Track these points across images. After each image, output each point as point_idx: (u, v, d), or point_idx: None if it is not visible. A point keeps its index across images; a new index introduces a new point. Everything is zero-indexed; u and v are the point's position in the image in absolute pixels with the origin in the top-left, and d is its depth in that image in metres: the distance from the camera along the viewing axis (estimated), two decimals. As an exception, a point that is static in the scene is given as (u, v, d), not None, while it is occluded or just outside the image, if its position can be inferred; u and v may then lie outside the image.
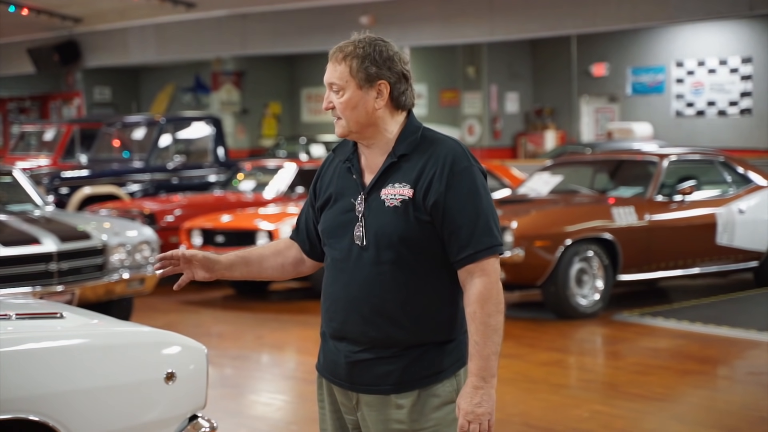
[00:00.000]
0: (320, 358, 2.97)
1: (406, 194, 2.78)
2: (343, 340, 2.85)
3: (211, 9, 19.27)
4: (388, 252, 2.78)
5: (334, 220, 2.87)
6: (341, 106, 2.83)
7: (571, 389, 6.58)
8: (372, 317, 2.79)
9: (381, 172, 2.83)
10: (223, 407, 6.14)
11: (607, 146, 15.24)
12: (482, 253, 2.76)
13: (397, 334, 2.79)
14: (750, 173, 10.12)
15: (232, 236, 9.97)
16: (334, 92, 2.84)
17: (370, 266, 2.79)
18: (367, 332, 2.80)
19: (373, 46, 2.82)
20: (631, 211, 9.04)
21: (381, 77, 2.82)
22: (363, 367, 2.82)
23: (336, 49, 2.84)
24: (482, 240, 2.77)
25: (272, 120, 24.11)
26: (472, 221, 2.77)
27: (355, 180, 2.86)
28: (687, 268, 9.42)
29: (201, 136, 14.34)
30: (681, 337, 8.10)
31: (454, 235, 2.77)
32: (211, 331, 8.79)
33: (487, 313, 2.74)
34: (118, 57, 22.20)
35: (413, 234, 2.76)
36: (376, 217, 2.79)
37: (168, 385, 3.49)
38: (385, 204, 2.79)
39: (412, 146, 2.83)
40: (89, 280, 7.86)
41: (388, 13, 17.35)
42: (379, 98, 2.83)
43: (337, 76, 2.82)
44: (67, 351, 3.39)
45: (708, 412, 6.13)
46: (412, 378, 2.80)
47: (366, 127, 2.84)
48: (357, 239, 2.81)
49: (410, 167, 2.80)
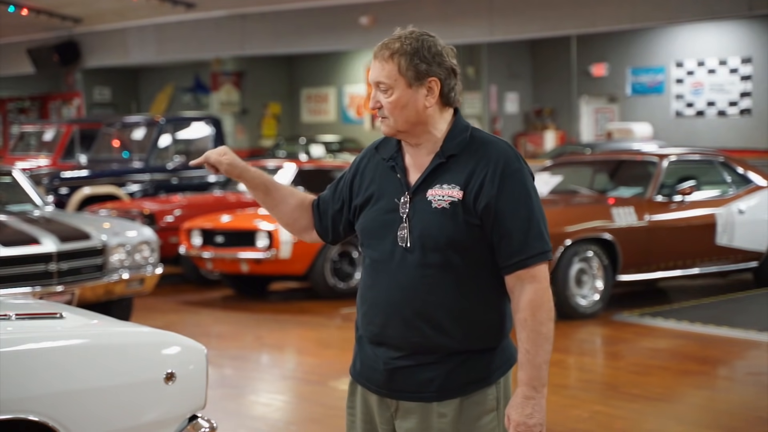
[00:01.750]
0: (356, 364, 2.85)
1: (455, 196, 2.67)
2: (382, 346, 2.74)
3: (210, 9, 19.27)
4: (433, 254, 2.66)
5: (375, 220, 2.75)
6: (390, 105, 2.70)
7: (571, 389, 6.58)
8: (415, 322, 2.67)
9: (428, 172, 2.71)
10: (223, 407, 6.14)
11: (607, 146, 15.25)
12: (533, 259, 2.66)
13: (441, 340, 2.68)
14: (750, 173, 10.11)
15: (232, 236, 9.97)
16: (382, 91, 2.71)
17: (414, 269, 2.67)
18: (409, 337, 2.69)
19: (420, 42, 2.69)
20: (630, 212, 9.04)
21: (431, 74, 2.70)
22: (403, 374, 2.71)
23: (381, 47, 2.71)
24: (534, 245, 2.66)
25: (272, 120, 24.11)
26: (524, 226, 2.67)
27: (399, 179, 2.74)
28: (687, 268, 9.42)
29: (201, 136, 14.35)
30: (681, 338, 8.10)
31: (505, 239, 2.66)
32: (210, 332, 8.78)
33: (539, 321, 2.64)
34: (118, 57, 22.21)
35: (461, 237, 2.65)
36: (421, 219, 2.68)
37: (168, 386, 3.49)
38: (431, 205, 2.68)
39: (461, 146, 2.72)
40: (89, 281, 7.85)
41: (387, 14, 17.35)
42: (429, 96, 2.71)
43: (384, 74, 2.69)
44: (66, 351, 3.39)
45: (708, 413, 6.13)
46: (455, 385, 2.69)
47: (415, 126, 2.73)
48: (401, 240, 2.69)
49: (459, 168, 2.69)
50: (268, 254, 9.64)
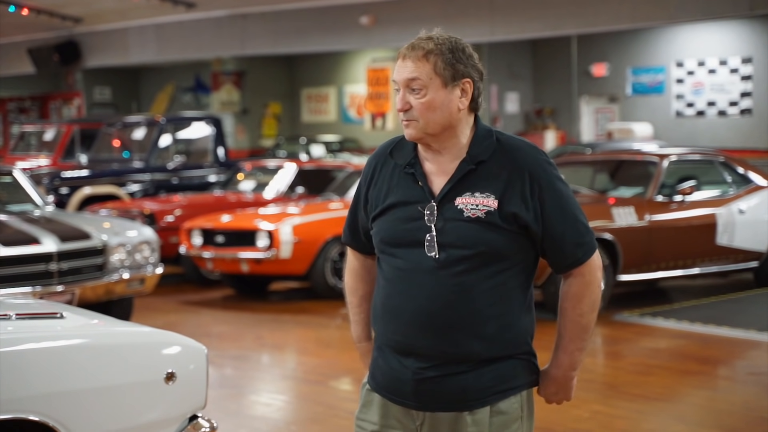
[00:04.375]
0: (375, 375, 2.75)
1: (490, 205, 2.61)
2: (410, 356, 2.66)
3: (211, 9, 19.27)
4: (464, 263, 2.60)
5: (397, 229, 2.67)
6: (422, 106, 2.61)
7: (571, 389, 6.57)
8: (446, 331, 2.61)
9: (457, 180, 2.64)
10: (223, 407, 6.14)
11: (607, 146, 15.23)
12: (587, 255, 2.69)
13: (474, 348, 2.63)
14: (750, 173, 10.11)
15: (232, 236, 9.97)
16: (413, 91, 2.62)
17: (444, 277, 2.61)
18: (440, 346, 2.62)
19: (454, 42, 2.63)
20: (631, 212, 9.04)
21: (466, 75, 2.64)
22: (433, 384, 2.65)
23: (413, 46, 2.62)
24: (585, 242, 2.69)
25: (272, 120, 24.11)
26: (573, 227, 2.68)
27: (420, 187, 2.66)
28: (687, 268, 9.41)
29: (201, 136, 14.34)
30: (681, 338, 8.09)
31: (557, 244, 2.67)
32: (211, 332, 8.78)
33: (579, 312, 2.69)
34: (118, 57, 22.21)
35: (497, 246, 2.61)
36: (453, 228, 2.61)
37: (168, 386, 3.49)
38: (464, 214, 2.61)
39: (489, 152, 2.65)
40: (89, 280, 7.85)
41: (388, 14, 17.35)
42: (463, 98, 2.64)
43: (419, 73, 2.60)
44: (67, 351, 3.39)
45: (708, 413, 6.12)
46: (486, 394, 2.65)
47: (445, 130, 2.64)
48: (429, 250, 2.61)
49: (491, 175, 2.63)
50: (269, 254, 9.64)
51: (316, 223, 9.90)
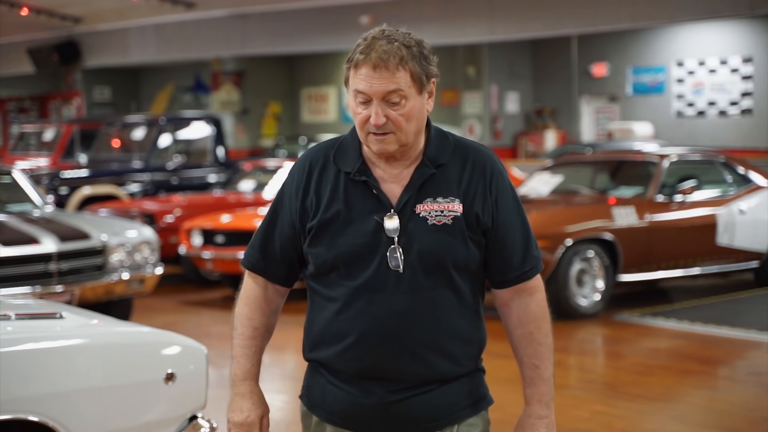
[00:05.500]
0: (326, 404, 2.55)
1: (456, 210, 2.41)
2: (374, 380, 2.44)
3: (210, 9, 19.26)
4: (434, 277, 2.41)
5: (353, 245, 2.41)
6: (403, 118, 2.37)
7: (572, 389, 6.57)
8: (419, 351, 2.41)
9: (419, 186, 2.42)
10: (223, 407, 6.09)
11: (608, 146, 15.23)
12: (534, 270, 2.52)
13: (445, 366, 2.45)
14: (750, 173, 10.11)
15: (232, 236, 9.96)
16: (391, 104, 2.37)
17: (411, 293, 2.40)
18: (410, 368, 2.42)
19: (418, 41, 2.41)
20: (631, 212, 9.03)
21: (433, 74, 2.42)
22: (402, 407, 2.44)
23: (384, 53, 2.36)
24: (533, 255, 2.52)
25: (272, 120, 24.11)
26: (523, 237, 2.50)
27: (375, 196, 2.42)
28: (687, 268, 9.41)
29: (201, 136, 14.34)
30: (681, 338, 8.09)
31: (506, 253, 2.48)
32: (211, 332, 8.77)
33: (544, 333, 2.51)
34: (118, 57, 22.20)
35: (464, 254, 2.42)
36: (418, 238, 2.39)
37: (168, 386, 3.48)
38: (428, 222, 2.40)
39: (448, 153, 2.46)
40: (89, 281, 7.85)
41: (388, 13, 17.34)
42: (430, 99, 2.43)
43: (400, 83, 2.36)
44: (66, 351, 3.39)
45: (708, 413, 6.12)
46: (455, 410, 2.49)
47: (416, 137, 2.43)
48: (392, 264, 2.39)
49: (451, 179, 2.43)
50: (269, 254, 9.62)
51: (316, 223, 9.89)
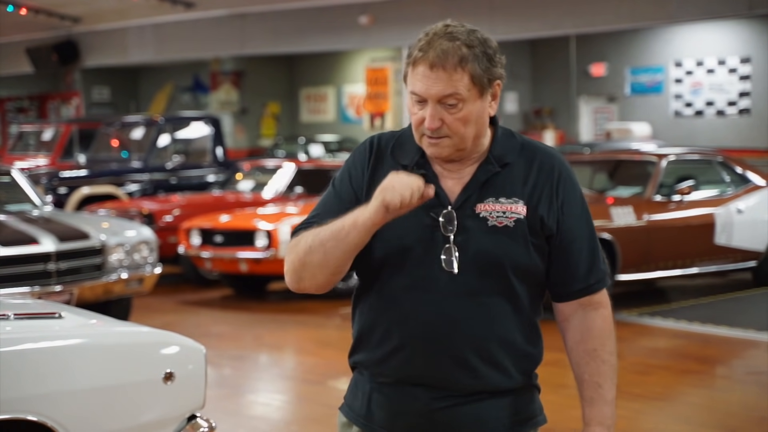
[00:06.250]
0: (369, 411, 2.38)
1: (519, 212, 2.27)
2: (418, 386, 2.31)
3: (210, 9, 19.26)
4: (490, 281, 2.26)
5: (404, 239, 2.27)
6: (459, 123, 2.23)
7: (571, 389, 6.54)
8: (468, 360, 2.27)
9: (481, 184, 2.29)
10: (222, 407, 6.14)
11: (606, 146, 15.24)
12: (600, 284, 2.37)
13: (495, 379, 2.30)
14: (748, 173, 10.12)
15: (231, 236, 9.96)
16: (448, 107, 2.22)
17: (464, 298, 2.25)
18: (456, 377, 2.28)
19: (483, 41, 2.28)
20: (629, 211, 9.04)
21: (497, 76, 2.28)
22: (446, 414, 2.30)
23: (442, 52, 2.22)
24: (600, 268, 2.37)
25: (271, 120, 24.10)
26: (590, 247, 2.35)
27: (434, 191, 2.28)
28: (685, 267, 9.42)
29: (200, 136, 14.33)
30: (680, 337, 8.10)
31: (571, 262, 2.33)
32: (210, 332, 8.78)
33: (609, 351, 2.36)
34: (117, 57, 22.19)
35: (526, 260, 2.28)
36: (476, 239, 2.26)
37: (166, 386, 3.48)
38: (488, 223, 2.26)
39: (514, 153, 2.32)
40: (88, 280, 7.85)
41: (387, 13, 17.34)
42: (493, 102, 2.29)
43: (456, 87, 2.21)
44: (65, 351, 3.39)
45: (707, 412, 6.13)
46: (503, 425, 2.34)
47: (476, 140, 2.29)
48: (446, 264, 2.25)
49: (516, 179, 2.30)
50: (267, 254, 9.64)
51: (314, 222, 9.89)
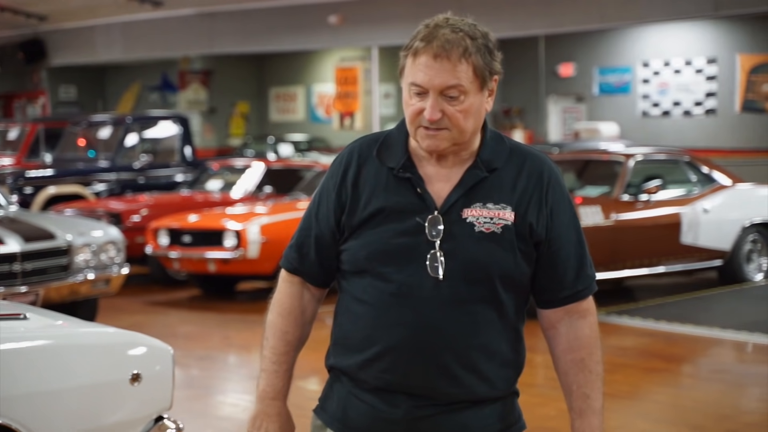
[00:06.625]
0: (345, 417, 2.29)
1: (507, 218, 2.22)
2: (399, 394, 2.24)
3: (178, 7, 19.19)
4: (477, 289, 2.21)
5: (389, 243, 2.21)
6: (461, 115, 2.19)
7: (539, 388, 6.60)
8: (452, 369, 2.21)
9: (468, 188, 2.23)
10: (190, 408, 6.11)
11: (574, 146, 15.32)
12: (588, 291, 2.33)
13: (478, 389, 2.25)
14: (714, 173, 10.21)
15: (200, 236, 9.92)
16: (450, 98, 2.19)
17: (449, 305, 2.20)
18: (442, 387, 2.23)
19: (485, 34, 2.27)
20: (597, 211, 9.09)
21: (496, 71, 2.28)
22: (429, 423, 2.25)
23: (446, 42, 2.21)
24: (588, 274, 2.32)
25: (240, 119, 24.04)
26: (578, 253, 2.31)
27: (419, 195, 2.22)
28: (652, 266, 9.49)
29: (168, 135, 14.26)
30: (646, 336, 8.16)
31: (559, 269, 2.28)
32: (177, 332, 8.74)
33: (596, 360, 2.36)
34: (84, 55, 22.05)
35: (512, 267, 2.23)
36: (463, 245, 2.20)
37: (133, 387, 3.47)
38: (475, 229, 2.20)
39: (503, 157, 2.27)
40: (54, 281, 7.79)
41: (356, 13, 17.34)
42: (490, 97, 2.27)
43: (459, 77, 2.19)
44: (30, 352, 3.36)
45: (673, 410, 6.18)
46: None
47: (472, 136, 2.25)
48: (432, 270, 2.19)
49: (504, 184, 2.24)
50: (236, 254, 9.61)
51: (284, 222, 9.88)
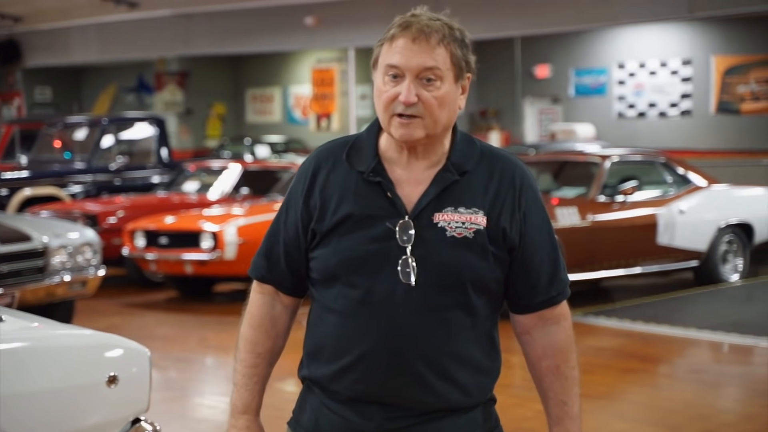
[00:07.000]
0: (318, 429, 2.23)
1: (479, 223, 2.16)
2: (372, 404, 2.18)
3: (154, 8, 19.11)
4: (449, 295, 2.15)
5: (359, 250, 2.16)
6: (436, 102, 2.14)
7: (515, 389, 6.62)
8: (426, 377, 2.15)
9: (439, 191, 2.17)
10: (167, 410, 6.09)
11: (551, 147, 15.38)
12: (562, 296, 2.28)
13: (454, 397, 2.19)
14: (690, 174, 10.27)
15: (176, 238, 9.89)
16: (426, 82, 2.14)
17: (422, 312, 2.14)
18: (417, 396, 2.17)
19: (460, 28, 2.21)
20: (574, 212, 9.13)
21: (470, 69, 2.23)
22: None
23: (426, 26, 2.14)
24: (561, 279, 2.28)
25: (216, 120, 23.97)
26: (552, 258, 2.26)
27: (389, 199, 2.17)
28: (629, 267, 9.53)
29: (144, 136, 14.21)
30: (623, 336, 8.20)
31: (532, 274, 2.23)
32: (154, 334, 8.71)
33: (571, 366, 2.33)
34: (60, 56, 21.93)
35: (485, 272, 2.17)
36: (434, 250, 2.14)
37: (110, 389, 3.45)
38: (446, 234, 2.15)
39: (474, 160, 2.21)
40: (29, 283, 7.74)
41: (333, 14, 17.33)
42: (463, 95, 2.23)
43: (438, 61, 2.14)
44: (6, 355, 3.34)
45: (649, 410, 6.21)
46: None
47: (444, 132, 2.19)
48: (403, 276, 2.13)
49: (476, 188, 2.19)
50: (213, 255, 9.58)
51: (261, 224, 9.85)
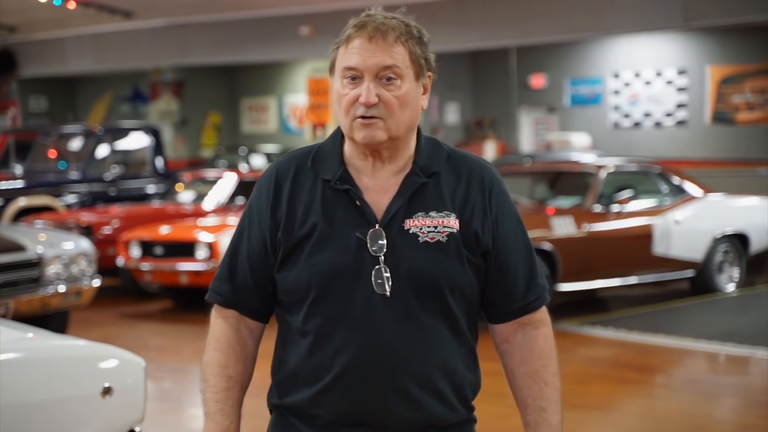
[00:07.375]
0: None
1: (452, 226, 2.09)
2: (357, 426, 2.10)
3: (149, 18, 19.11)
4: (427, 302, 2.08)
5: (330, 263, 2.07)
6: (397, 101, 2.06)
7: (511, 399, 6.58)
8: (410, 390, 2.07)
9: (408, 196, 2.10)
10: (162, 421, 6.07)
11: (546, 157, 15.39)
12: (540, 301, 2.21)
13: (438, 410, 2.11)
14: (686, 184, 10.28)
15: (171, 248, 9.87)
16: (386, 81, 2.06)
17: (401, 322, 2.06)
18: (402, 411, 2.08)
19: (418, 26, 2.14)
20: (569, 222, 9.13)
21: (431, 68, 2.15)
22: None
23: (382, 24, 2.05)
24: (539, 283, 2.21)
25: (212, 130, 23.96)
26: (527, 262, 2.19)
27: (359, 208, 2.09)
28: (625, 277, 9.53)
29: (139, 146, 14.19)
30: (619, 346, 8.19)
31: (508, 280, 2.17)
32: (149, 345, 8.68)
33: (552, 372, 2.26)
34: (55, 66, 21.92)
35: (463, 277, 2.11)
36: (408, 257, 2.07)
37: (105, 400, 3.44)
38: (419, 239, 2.07)
39: (441, 162, 2.14)
40: (24, 293, 7.72)
41: (328, 24, 17.34)
42: (425, 96, 2.14)
43: (397, 59, 2.05)
44: (1, 365, 3.32)
45: (646, 420, 6.20)
46: None
47: (407, 134, 2.11)
48: (378, 287, 2.05)
49: (445, 191, 2.12)
50: (208, 265, 9.57)
51: (256, 234, 9.85)
